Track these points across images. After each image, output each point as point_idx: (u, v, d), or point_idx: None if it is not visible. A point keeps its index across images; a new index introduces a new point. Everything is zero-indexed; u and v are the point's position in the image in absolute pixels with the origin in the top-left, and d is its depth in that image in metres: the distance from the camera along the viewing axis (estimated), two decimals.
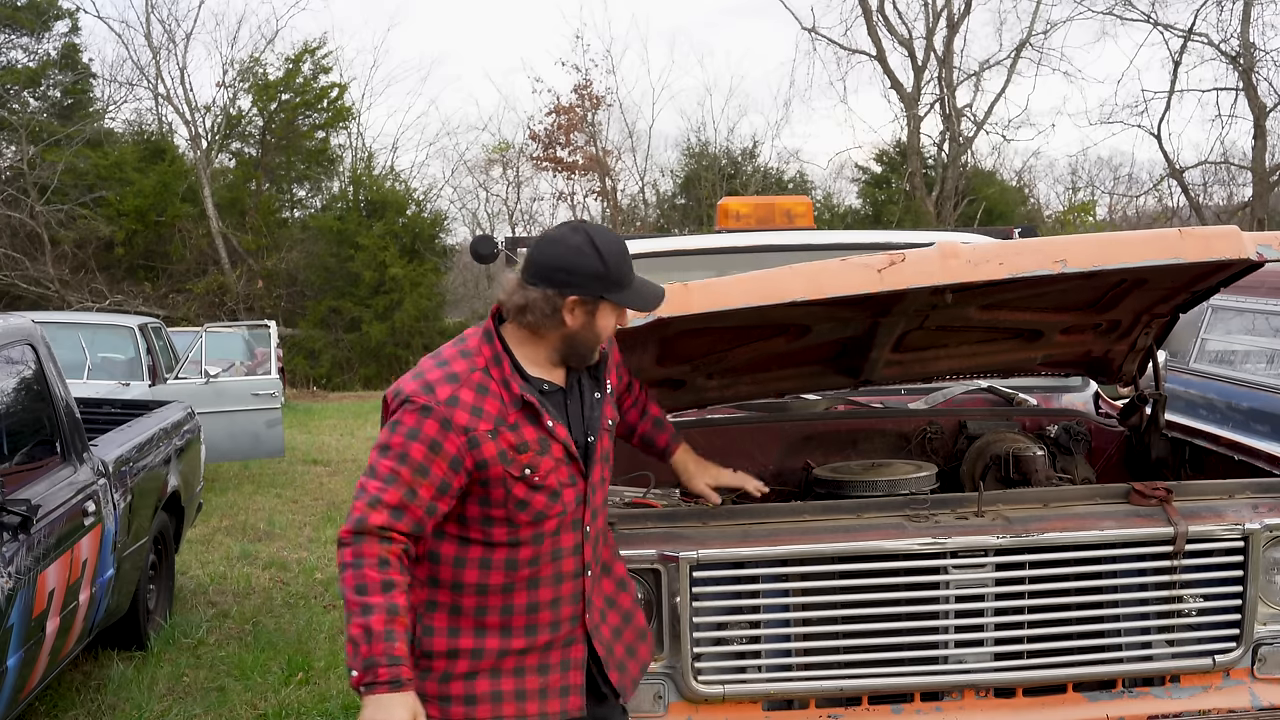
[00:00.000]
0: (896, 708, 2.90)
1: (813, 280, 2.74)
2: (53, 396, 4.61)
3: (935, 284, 2.74)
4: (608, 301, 2.35)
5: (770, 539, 2.86)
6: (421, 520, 2.29)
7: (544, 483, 2.36)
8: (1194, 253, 2.80)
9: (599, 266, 2.32)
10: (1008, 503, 2.98)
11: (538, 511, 2.37)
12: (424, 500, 2.27)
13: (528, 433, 2.34)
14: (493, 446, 2.31)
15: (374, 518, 2.24)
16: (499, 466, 2.31)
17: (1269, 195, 24.36)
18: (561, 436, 2.38)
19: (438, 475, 2.27)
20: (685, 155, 28.81)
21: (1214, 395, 6.95)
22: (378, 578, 2.21)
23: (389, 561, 2.23)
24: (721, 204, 5.14)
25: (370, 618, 2.18)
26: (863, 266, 2.70)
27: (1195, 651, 2.93)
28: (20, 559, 3.80)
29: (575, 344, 2.39)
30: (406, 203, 26.83)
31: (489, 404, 2.32)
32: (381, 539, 2.24)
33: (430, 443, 2.27)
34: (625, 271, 2.36)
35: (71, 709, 4.79)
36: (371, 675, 2.17)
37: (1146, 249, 2.82)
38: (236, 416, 9.84)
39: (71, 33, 26.82)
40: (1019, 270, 2.71)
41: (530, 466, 2.34)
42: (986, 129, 27.17)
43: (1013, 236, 5.11)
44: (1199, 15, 24.71)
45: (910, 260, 2.69)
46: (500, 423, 2.32)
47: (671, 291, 2.71)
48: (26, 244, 24.00)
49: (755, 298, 2.76)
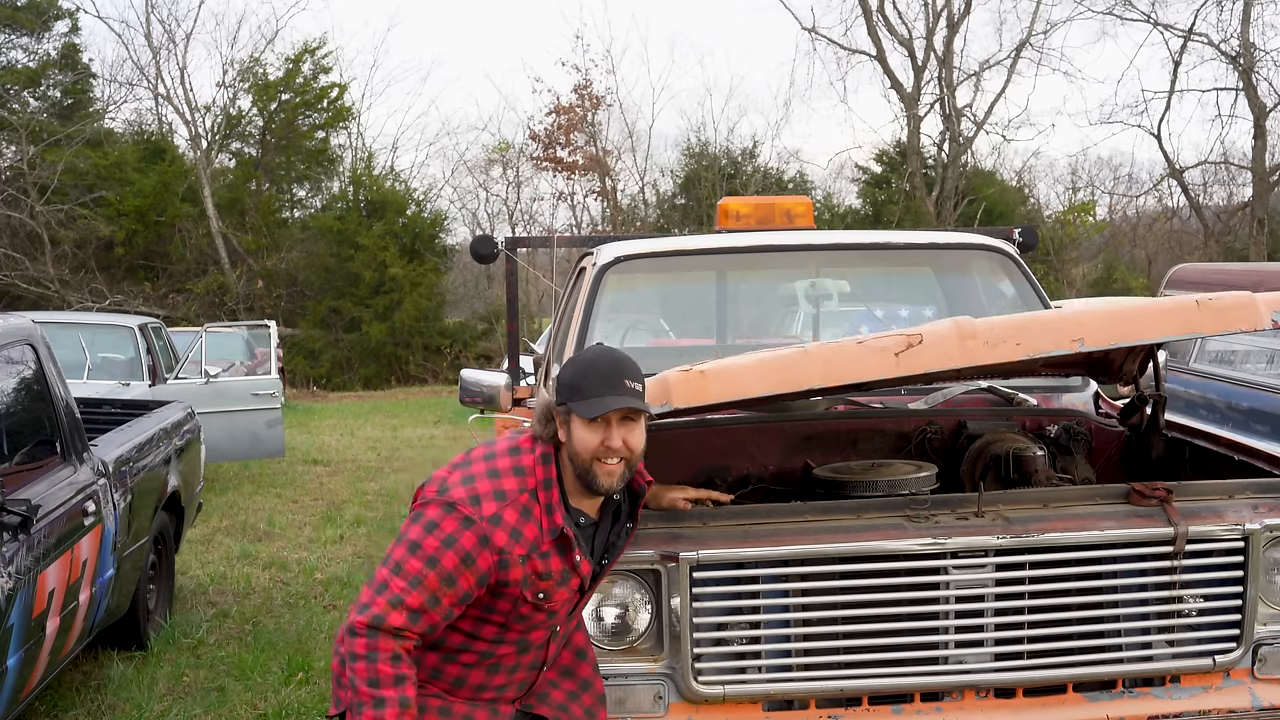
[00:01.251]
0: (897, 708, 2.90)
1: (830, 368, 2.76)
2: (53, 396, 4.61)
3: (953, 367, 2.77)
4: (574, 412, 2.36)
5: (770, 539, 2.86)
6: (437, 625, 2.35)
7: (551, 607, 2.45)
8: (1211, 326, 2.84)
9: (570, 376, 2.39)
10: (1008, 503, 2.98)
11: (533, 624, 2.46)
12: (444, 608, 2.33)
13: (554, 563, 2.40)
14: (520, 571, 2.36)
15: (393, 618, 2.29)
16: (518, 589, 2.38)
17: (1269, 195, 24.34)
18: (584, 572, 2.45)
19: (463, 587, 2.33)
20: (685, 155, 28.79)
21: (1214, 395, 6.95)
22: (391, 672, 2.27)
23: (401, 657, 2.30)
24: (721, 204, 5.14)
25: (384, 711, 2.25)
26: (880, 352, 2.73)
27: (1195, 652, 2.93)
28: (20, 559, 3.80)
29: (572, 462, 2.40)
30: (406, 203, 26.81)
31: (529, 529, 2.37)
32: (396, 636, 2.30)
33: (465, 555, 2.31)
34: (589, 381, 2.35)
35: (71, 709, 4.79)
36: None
37: (1165, 324, 2.85)
38: (236, 416, 9.84)
39: (71, 33, 26.80)
40: (1036, 352, 2.75)
41: (545, 593, 2.41)
42: (986, 129, 27.16)
43: (1013, 237, 5.11)
44: (1199, 15, 24.71)
45: (928, 343, 2.71)
46: (534, 549, 2.37)
47: (687, 379, 2.75)
48: (26, 244, 23.98)
49: (772, 386, 2.78)
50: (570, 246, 7.26)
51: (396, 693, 2.26)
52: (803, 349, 2.81)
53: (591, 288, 4.31)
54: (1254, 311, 2.80)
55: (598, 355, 2.43)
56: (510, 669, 2.53)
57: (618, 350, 2.47)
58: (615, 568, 2.80)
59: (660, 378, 2.80)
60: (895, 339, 2.72)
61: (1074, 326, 2.75)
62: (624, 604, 2.87)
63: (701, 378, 2.75)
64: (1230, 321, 2.82)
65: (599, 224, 28.33)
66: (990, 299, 4.70)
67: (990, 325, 2.75)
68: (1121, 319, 2.83)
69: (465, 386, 4.84)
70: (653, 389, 2.80)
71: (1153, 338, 2.85)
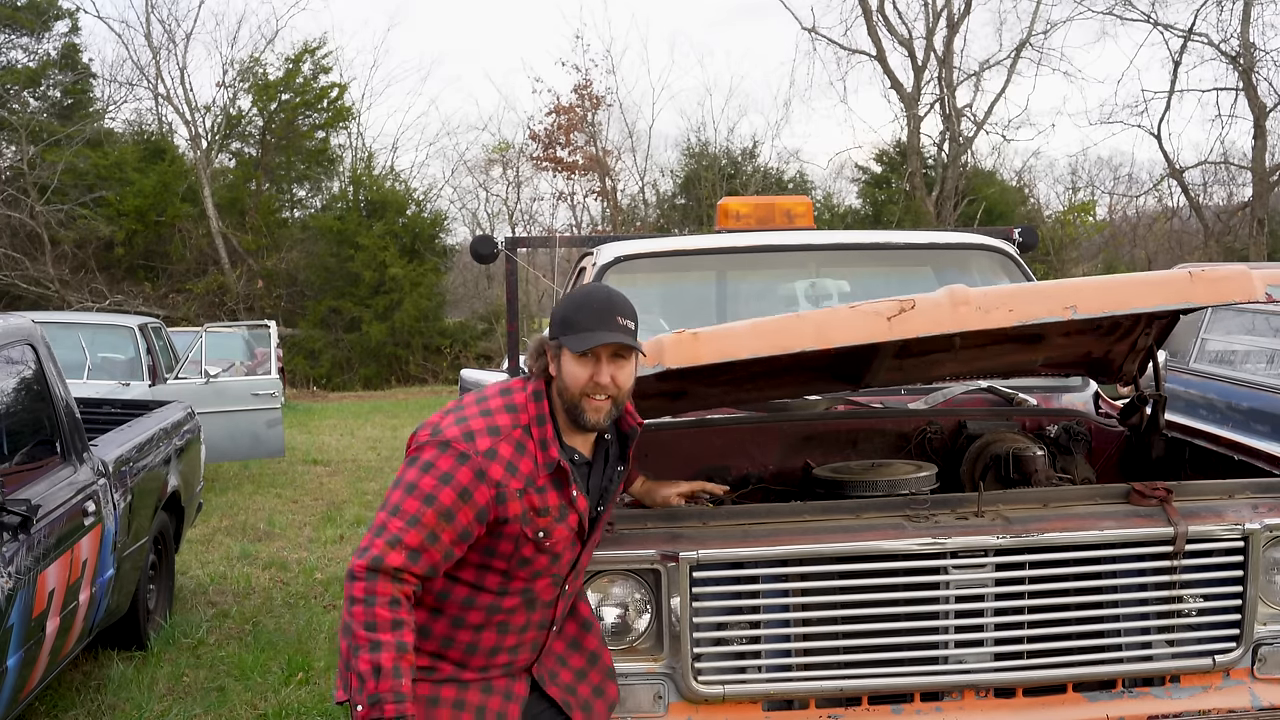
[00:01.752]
0: (896, 708, 2.90)
1: (821, 329, 2.76)
2: (53, 396, 4.61)
3: (945, 331, 2.76)
4: (564, 347, 2.37)
5: (770, 539, 2.86)
6: (437, 565, 2.32)
7: (552, 548, 2.42)
8: (1204, 297, 2.83)
9: (562, 310, 2.40)
10: (1008, 503, 2.98)
11: (536, 570, 2.43)
12: (444, 545, 2.30)
13: (551, 498, 2.39)
14: (518, 505, 2.34)
15: (392, 558, 2.26)
16: (517, 525, 2.36)
17: (1269, 195, 24.34)
18: (581, 508, 2.44)
19: (462, 523, 2.30)
20: (685, 155, 28.82)
21: (1214, 395, 6.95)
22: (389, 616, 2.24)
23: (400, 601, 2.26)
24: (721, 204, 5.14)
25: (380, 654, 2.21)
26: (872, 315, 2.71)
27: (1195, 651, 2.93)
28: (20, 559, 3.80)
29: (562, 398, 2.41)
30: (406, 203, 26.83)
31: (524, 463, 2.36)
32: (395, 579, 2.27)
33: (461, 490, 2.30)
34: (582, 316, 2.36)
35: (71, 709, 4.79)
36: (378, 711, 2.20)
37: (1157, 293, 2.84)
38: (236, 416, 9.84)
39: (71, 33, 26.85)
40: (1030, 318, 2.75)
41: (545, 531, 2.38)
42: (986, 129, 27.18)
43: (1013, 237, 5.11)
44: (1199, 15, 24.72)
45: (920, 307, 2.70)
46: (530, 483, 2.36)
47: (680, 341, 2.75)
48: (26, 244, 23.99)
49: (764, 348, 2.78)
50: (570, 246, 7.25)
51: (394, 637, 2.22)
52: (795, 314, 2.81)
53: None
54: (1248, 283, 2.80)
55: (591, 290, 2.43)
56: (520, 628, 2.49)
57: (611, 288, 2.47)
58: (615, 567, 2.81)
59: (654, 340, 2.81)
60: (888, 304, 2.72)
61: (1068, 294, 2.75)
62: (624, 604, 2.87)
63: (694, 340, 2.76)
64: (1224, 293, 2.82)
65: (599, 224, 28.34)
66: None
67: (984, 292, 2.76)
68: (1115, 288, 2.84)
69: (465, 386, 4.84)
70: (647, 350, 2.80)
71: (1145, 307, 2.85)
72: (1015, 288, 2.90)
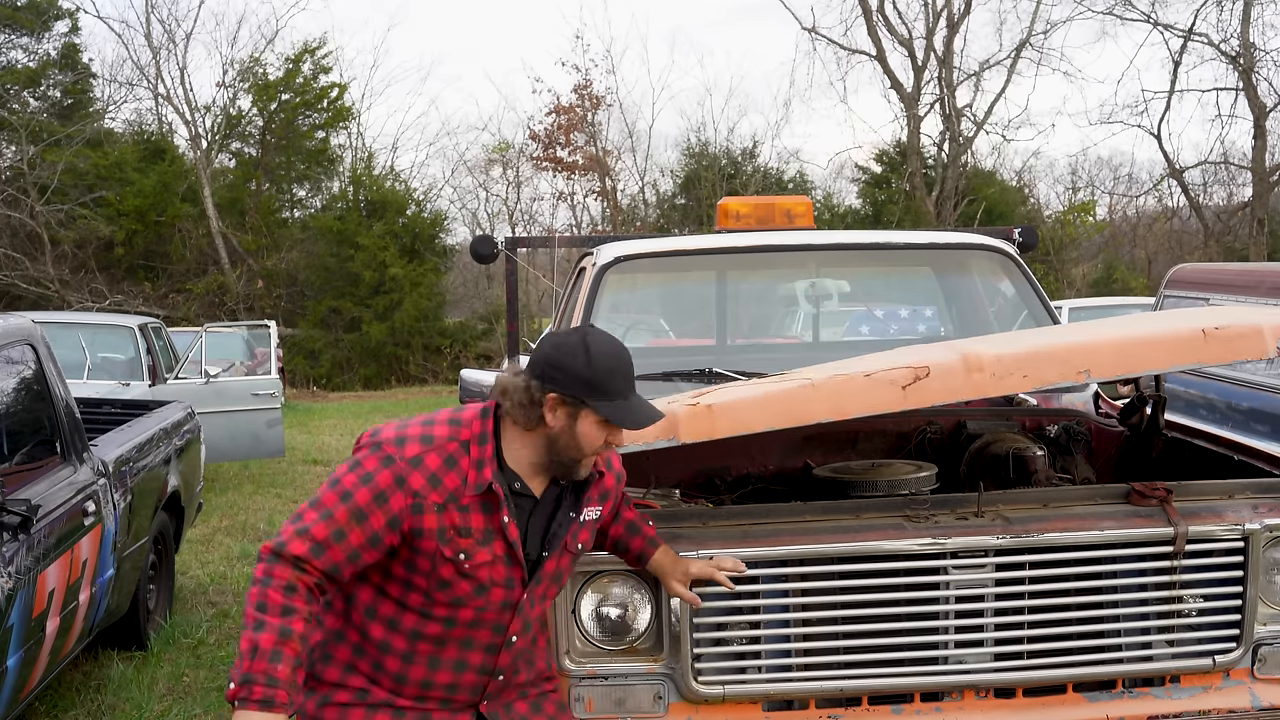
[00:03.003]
0: (896, 708, 2.90)
1: (837, 402, 2.75)
2: (53, 396, 4.61)
3: (960, 400, 2.78)
4: (589, 409, 2.27)
5: (770, 539, 2.86)
6: (340, 565, 2.27)
7: (473, 573, 2.32)
8: (1218, 356, 2.85)
9: (584, 369, 2.25)
10: (1008, 503, 2.98)
11: (457, 598, 2.34)
12: (350, 545, 2.25)
13: (475, 520, 2.30)
14: (434, 520, 2.28)
15: (295, 545, 2.24)
16: (433, 542, 2.29)
17: (1269, 195, 24.35)
18: (512, 537, 2.33)
19: (373, 526, 2.26)
20: (685, 155, 28.81)
21: (1214, 395, 6.95)
22: (280, 601, 2.20)
23: (296, 589, 2.22)
24: (721, 204, 5.14)
25: (261, 635, 2.17)
26: (887, 385, 2.73)
27: (1195, 652, 2.93)
28: (20, 559, 3.80)
29: (557, 449, 2.32)
30: (406, 203, 26.82)
31: (450, 478, 2.29)
32: (296, 567, 2.24)
33: (378, 493, 2.26)
34: (616, 383, 2.27)
35: (71, 709, 4.79)
36: (246, 691, 2.15)
37: (1172, 354, 2.86)
38: (236, 416, 9.84)
39: (71, 33, 26.84)
40: (1044, 383, 2.78)
41: (466, 553, 2.30)
42: (986, 129, 27.18)
43: (1013, 237, 5.11)
44: (1199, 15, 24.65)
45: (935, 376, 2.72)
46: (452, 499, 2.29)
47: (694, 414, 2.73)
48: (26, 244, 23.99)
49: (779, 420, 2.78)
50: (570, 246, 7.26)
51: (280, 621, 2.17)
52: (809, 382, 2.80)
53: (591, 288, 4.31)
54: (1259, 341, 2.82)
55: (617, 353, 2.31)
56: (454, 666, 2.40)
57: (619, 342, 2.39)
58: (615, 567, 2.80)
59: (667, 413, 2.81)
60: (902, 372, 2.73)
61: (1082, 358, 2.78)
62: (624, 604, 2.87)
63: (709, 413, 2.75)
64: (1237, 351, 2.85)
65: (599, 224, 28.34)
66: (990, 299, 4.70)
67: (998, 357, 2.76)
68: (1129, 350, 2.85)
69: (465, 386, 4.83)
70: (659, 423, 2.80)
71: (1160, 369, 2.90)
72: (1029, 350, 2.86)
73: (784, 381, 2.89)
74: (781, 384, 2.86)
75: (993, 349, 2.82)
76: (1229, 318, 2.96)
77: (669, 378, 3.80)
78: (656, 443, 2.69)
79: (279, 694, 2.15)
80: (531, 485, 2.37)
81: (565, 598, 2.82)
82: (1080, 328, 3.60)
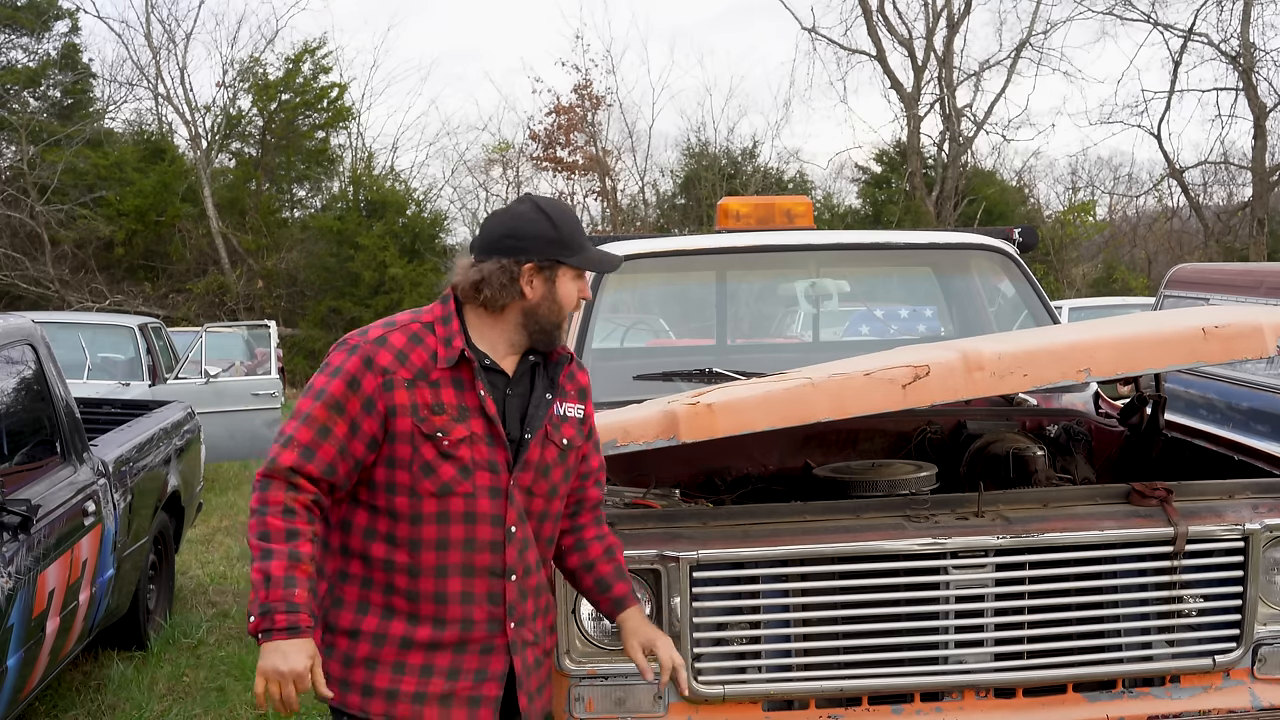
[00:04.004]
0: (896, 708, 2.90)
1: (838, 400, 2.77)
2: (53, 396, 4.61)
3: (961, 399, 2.78)
4: (565, 266, 2.29)
5: (770, 539, 2.86)
6: (334, 462, 2.22)
7: (453, 451, 2.24)
8: (1217, 355, 2.88)
9: (550, 231, 2.28)
10: (1008, 503, 2.99)
11: (443, 483, 2.24)
12: (337, 439, 2.22)
13: (446, 395, 2.25)
14: (405, 395, 2.24)
15: (284, 457, 2.20)
16: (408, 419, 2.23)
17: (1269, 195, 24.34)
18: (490, 411, 2.26)
19: (351, 413, 2.22)
20: (685, 155, 28.79)
21: (1214, 395, 6.95)
22: (281, 525, 2.16)
23: (294, 510, 2.18)
24: (721, 204, 5.14)
25: (270, 563, 2.13)
26: (887, 383, 2.74)
27: (1195, 652, 2.93)
28: (20, 559, 3.80)
29: (538, 318, 2.31)
30: (406, 203, 26.80)
31: (416, 354, 2.27)
32: (289, 485, 2.20)
33: (349, 379, 2.24)
34: (579, 237, 2.32)
35: (71, 709, 4.79)
36: (269, 621, 2.11)
37: (1171, 353, 2.88)
38: (236, 416, 9.83)
39: (71, 33, 26.83)
40: (1044, 382, 2.81)
41: (442, 430, 2.24)
42: (986, 129, 27.16)
43: (1013, 237, 5.11)
44: (1199, 15, 24.62)
45: (935, 375, 2.73)
46: (421, 375, 2.26)
47: (695, 413, 2.74)
48: (26, 244, 23.98)
49: (780, 419, 2.79)
50: None
51: (286, 545, 2.14)
52: (809, 381, 2.79)
53: (591, 288, 4.31)
54: (1259, 340, 2.83)
55: (568, 207, 2.37)
56: (461, 570, 2.26)
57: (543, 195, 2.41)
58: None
59: (668, 412, 2.80)
60: (902, 371, 2.73)
61: (1082, 357, 2.78)
62: None
63: (709, 413, 2.75)
64: (1236, 350, 2.86)
65: (599, 224, 28.33)
66: (990, 299, 4.70)
67: (998, 356, 2.76)
68: (1129, 349, 2.86)
69: None
70: (660, 423, 2.80)
71: (1160, 368, 2.90)
72: (1030, 349, 2.87)
73: (784, 381, 2.89)
74: (782, 383, 2.86)
75: (993, 348, 2.82)
76: (1229, 316, 2.96)
77: (669, 378, 3.80)
78: (656, 442, 2.69)
79: (302, 618, 2.12)
80: (502, 364, 2.34)
81: (565, 598, 2.82)
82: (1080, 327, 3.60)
